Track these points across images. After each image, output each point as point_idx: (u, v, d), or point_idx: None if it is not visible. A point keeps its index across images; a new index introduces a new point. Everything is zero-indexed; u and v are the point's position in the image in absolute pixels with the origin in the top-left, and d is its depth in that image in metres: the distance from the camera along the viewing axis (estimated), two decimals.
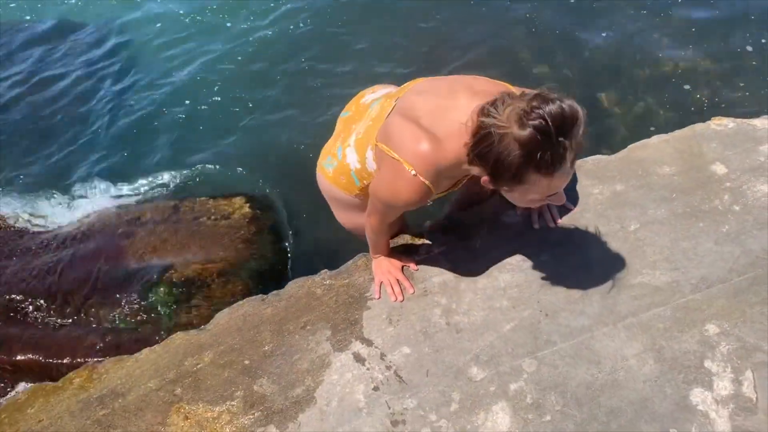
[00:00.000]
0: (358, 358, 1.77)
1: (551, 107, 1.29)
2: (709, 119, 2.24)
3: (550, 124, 1.28)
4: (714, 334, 1.68)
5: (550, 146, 1.31)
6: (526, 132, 1.31)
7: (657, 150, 2.16)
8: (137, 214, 3.24)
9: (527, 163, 1.35)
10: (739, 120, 2.21)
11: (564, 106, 1.30)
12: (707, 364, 1.63)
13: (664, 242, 1.89)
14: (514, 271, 1.89)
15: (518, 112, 1.32)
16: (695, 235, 1.89)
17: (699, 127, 2.22)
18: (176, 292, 2.83)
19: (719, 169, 2.06)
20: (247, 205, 3.26)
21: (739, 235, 1.87)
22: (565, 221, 1.98)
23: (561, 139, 1.30)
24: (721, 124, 2.21)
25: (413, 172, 1.55)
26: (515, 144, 1.33)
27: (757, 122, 2.19)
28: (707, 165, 2.08)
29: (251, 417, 1.69)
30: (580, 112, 1.32)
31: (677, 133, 2.22)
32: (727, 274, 1.79)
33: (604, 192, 2.05)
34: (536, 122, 1.29)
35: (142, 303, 2.79)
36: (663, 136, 2.21)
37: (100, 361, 1.93)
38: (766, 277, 1.76)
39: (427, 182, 1.56)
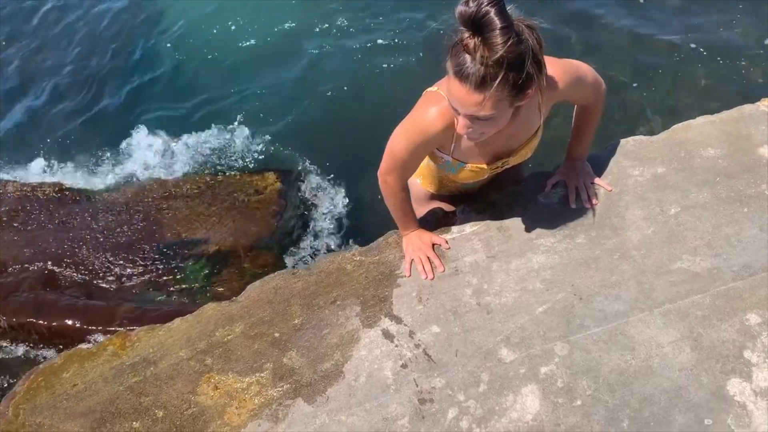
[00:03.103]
0: (387, 335, 1.76)
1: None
2: (759, 100, 2.14)
3: (459, 12, 1.32)
4: (755, 323, 1.62)
5: (464, 31, 1.35)
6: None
7: (701, 131, 2.08)
8: (174, 187, 3.28)
9: (449, 52, 1.41)
10: None
11: (471, 4, 1.31)
12: (747, 354, 1.58)
13: (706, 227, 1.83)
14: (549, 253, 1.85)
15: None
16: (739, 221, 1.83)
17: (747, 108, 2.13)
18: (209, 265, 2.87)
19: None
20: (279, 180, 3.27)
21: None
22: (602, 203, 1.93)
23: (471, 32, 1.33)
24: None
25: (435, 89, 1.66)
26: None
27: None
28: (755, 148, 2.00)
29: (280, 389, 1.70)
30: (496, 19, 1.30)
31: (724, 114, 2.13)
32: None
33: (644, 174, 1.99)
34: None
35: (177, 274, 2.83)
36: (708, 117, 2.13)
37: (134, 329, 1.96)
38: None
39: (443, 94, 1.59)
